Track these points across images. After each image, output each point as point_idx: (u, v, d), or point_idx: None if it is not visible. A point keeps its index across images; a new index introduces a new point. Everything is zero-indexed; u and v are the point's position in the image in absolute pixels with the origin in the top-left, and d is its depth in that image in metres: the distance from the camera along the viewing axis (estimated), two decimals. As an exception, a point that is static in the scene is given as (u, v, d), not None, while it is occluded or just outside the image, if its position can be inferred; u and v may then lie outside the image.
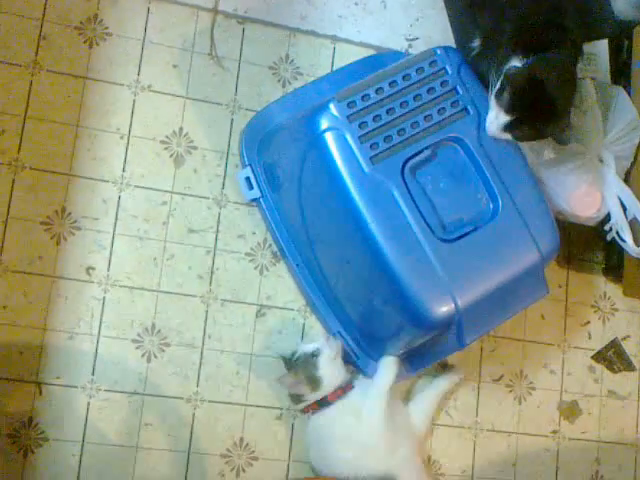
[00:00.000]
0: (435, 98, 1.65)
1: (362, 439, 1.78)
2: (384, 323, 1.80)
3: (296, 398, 1.81)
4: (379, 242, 1.59)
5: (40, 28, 1.89)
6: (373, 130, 1.61)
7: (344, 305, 1.87)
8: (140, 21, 1.96)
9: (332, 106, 1.61)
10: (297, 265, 1.91)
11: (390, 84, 1.64)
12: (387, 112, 1.62)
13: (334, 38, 2.07)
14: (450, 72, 1.67)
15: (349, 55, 2.06)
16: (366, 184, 1.59)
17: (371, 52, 2.08)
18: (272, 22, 2.04)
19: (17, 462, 1.78)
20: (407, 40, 2.11)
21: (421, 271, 1.59)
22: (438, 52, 1.68)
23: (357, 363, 1.89)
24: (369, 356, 1.88)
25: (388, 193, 1.59)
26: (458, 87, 1.66)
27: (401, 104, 1.63)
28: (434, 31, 2.13)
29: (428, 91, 1.65)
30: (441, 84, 1.66)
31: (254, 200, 1.93)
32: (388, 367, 1.80)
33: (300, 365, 1.80)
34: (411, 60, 1.71)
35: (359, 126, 1.60)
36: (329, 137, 1.61)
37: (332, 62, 2.07)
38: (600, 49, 2.14)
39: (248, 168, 1.91)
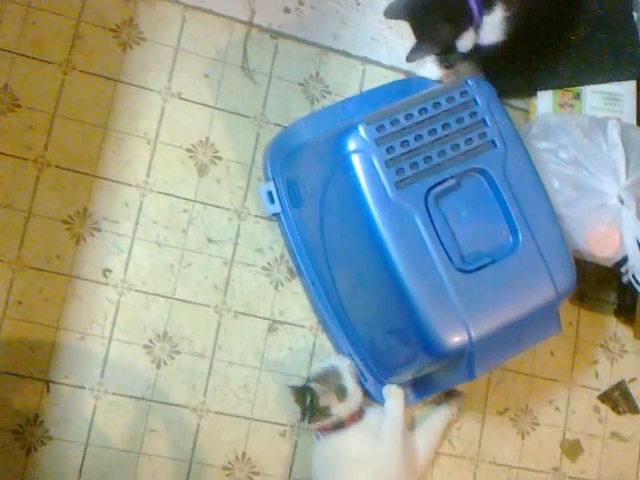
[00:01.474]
0: (463, 128, 1.64)
1: (378, 465, 1.77)
2: (395, 348, 1.79)
3: (323, 411, 1.78)
4: (397, 267, 1.58)
5: (76, 28, 1.90)
6: (400, 155, 1.60)
7: (356, 327, 1.87)
8: (175, 29, 1.97)
9: (361, 128, 1.60)
10: (312, 282, 1.91)
11: (420, 111, 1.64)
12: (415, 138, 1.62)
13: (365, 60, 2.08)
14: (480, 104, 1.66)
15: (378, 77, 2.07)
16: (389, 209, 1.59)
17: (400, 76, 2.09)
18: (305, 39, 2.04)
19: (19, 459, 1.78)
20: (437, 67, 2.10)
21: (437, 299, 1.58)
22: (470, 83, 1.68)
23: (365, 386, 1.89)
24: (377, 380, 1.88)
25: (410, 219, 1.59)
26: (487, 119, 1.66)
27: (429, 132, 1.63)
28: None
29: (457, 121, 1.64)
30: (470, 115, 1.65)
31: (275, 215, 1.93)
32: (394, 393, 1.80)
33: (324, 375, 1.80)
34: (442, 89, 1.71)
35: (386, 150, 1.60)
36: (356, 159, 1.60)
37: (361, 83, 2.08)
38: (627, 90, 2.15)
39: (271, 182, 1.92)
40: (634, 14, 2.19)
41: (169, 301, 1.89)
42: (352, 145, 1.61)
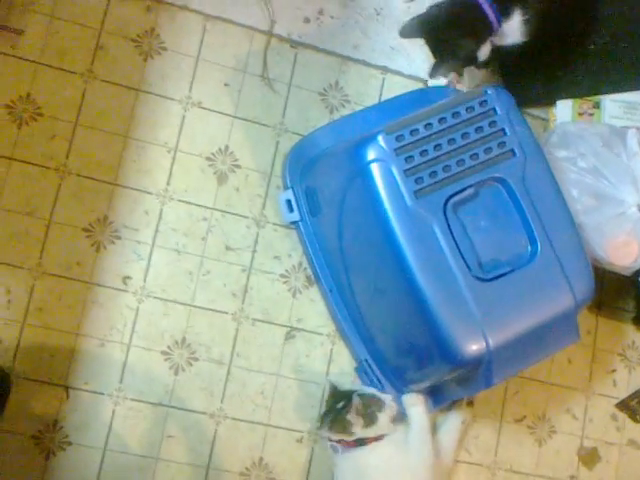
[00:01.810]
0: (483, 137, 1.64)
1: (410, 474, 1.79)
2: (413, 356, 1.80)
3: (344, 424, 1.78)
4: (415, 275, 1.58)
5: (98, 38, 1.92)
6: (419, 165, 1.60)
7: (373, 334, 1.88)
8: (196, 38, 1.98)
9: (380, 138, 1.61)
10: (330, 290, 1.92)
11: (439, 120, 1.63)
12: (434, 148, 1.62)
13: (384, 69, 2.09)
14: (499, 113, 1.66)
15: (398, 87, 2.08)
16: (408, 217, 1.59)
17: (420, 85, 2.10)
18: (325, 49, 2.05)
19: (39, 464, 1.80)
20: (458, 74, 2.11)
21: (455, 308, 1.59)
22: (489, 92, 1.67)
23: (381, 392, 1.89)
24: (394, 387, 1.88)
25: (429, 228, 1.59)
26: (506, 128, 1.65)
27: (449, 141, 1.63)
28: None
29: (476, 130, 1.64)
30: (489, 124, 1.65)
31: (293, 223, 1.94)
32: (417, 402, 1.81)
33: (368, 398, 1.81)
34: (461, 98, 1.71)
35: (405, 160, 1.60)
36: (375, 168, 1.61)
37: (380, 92, 2.08)
38: (646, 99, 2.15)
39: (290, 191, 1.93)
40: (654, 23, 2.18)
41: (188, 308, 1.91)
42: (371, 154, 1.61)
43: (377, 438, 1.80)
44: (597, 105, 2.13)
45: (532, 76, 2.13)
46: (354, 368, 1.96)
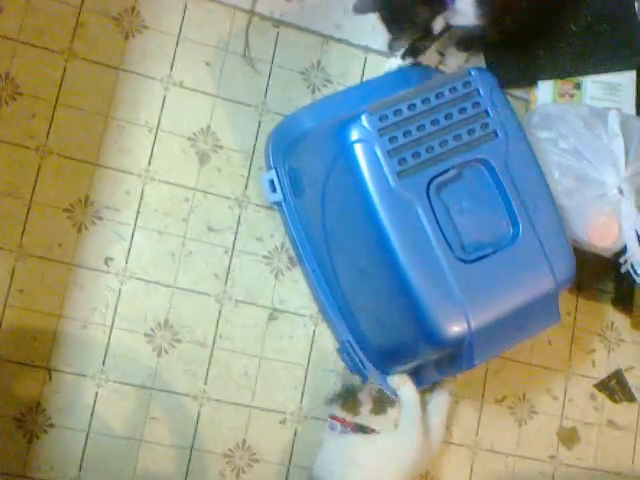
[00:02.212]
0: (466, 119, 1.64)
1: (400, 453, 1.80)
2: (395, 337, 1.80)
3: (354, 403, 1.80)
4: (398, 255, 1.59)
5: (78, 16, 1.90)
6: (402, 145, 1.60)
7: (356, 315, 1.88)
8: (177, 17, 1.97)
9: (364, 118, 1.60)
10: (313, 271, 1.92)
11: (423, 101, 1.63)
12: (418, 129, 1.61)
13: (366, 49, 2.08)
14: (483, 94, 1.66)
15: (380, 66, 2.07)
16: (391, 198, 1.59)
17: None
18: (307, 28, 2.04)
19: (22, 446, 1.79)
20: (439, 54, 2.12)
21: (437, 289, 1.59)
22: (472, 73, 1.67)
23: (363, 373, 1.90)
24: (377, 367, 1.89)
25: (412, 209, 1.59)
26: (489, 110, 1.66)
27: (432, 122, 1.62)
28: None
29: (459, 111, 1.64)
30: (473, 105, 1.65)
31: (276, 203, 1.94)
32: (404, 381, 1.82)
33: (383, 392, 1.82)
34: (445, 79, 1.71)
35: (389, 140, 1.59)
36: (358, 148, 1.60)
37: (362, 72, 2.08)
38: (627, 80, 2.17)
39: (273, 171, 1.92)
40: (635, 4, 2.20)
41: (170, 289, 1.90)
42: (355, 135, 1.61)
43: (375, 432, 1.80)
44: (578, 86, 2.15)
45: (514, 57, 2.14)
46: (336, 349, 1.97)
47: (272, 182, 1.93)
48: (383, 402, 1.81)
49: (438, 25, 1.79)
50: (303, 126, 1.91)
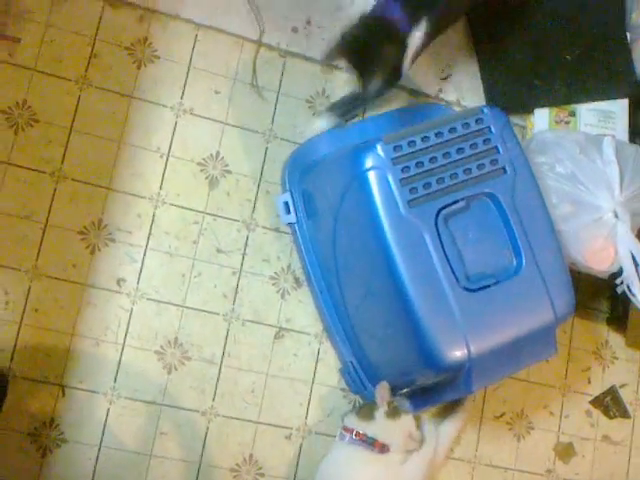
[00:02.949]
0: (476, 154, 1.69)
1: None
2: (396, 359, 1.84)
3: (370, 408, 1.84)
4: (404, 281, 1.63)
5: (92, 46, 1.96)
6: (414, 175, 1.65)
7: (360, 336, 1.93)
8: (187, 47, 2.03)
9: (379, 147, 1.65)
10: (321, 291, 1.98)
11: (436, 134, 1.68)
12: (430, 160, 1.66)
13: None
14: (494, 131, 1.71)
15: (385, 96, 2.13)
16: (401, 225, 1.64)
17: (404, 94, 2.16)
18: (312, 57, 2.11)
19: (35, 461, 1.85)
20: (441, 79, 2.20)
21: (440, 315, 1.63)
22: (485, 111, 1.72)
23: (365, 394, 1.97)
24: (378, 390, 1.93)
25: (420, 236, 1.63)
26: (499, 146, 1.70)
27: (444, 155, 1.67)
28: (464, 76, 2.23)
29: (471, 146, 1.69)
30: (484, 141, 1.70)
31: (289, 224, 2.00)
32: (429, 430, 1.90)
33: (404, 406, 1.86)
34: (459, 115, 1.78)
35: (402, 170, 1.64)
36: (372, 176, 1.65)
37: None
38: (620, 108, 2.23)
39: (288, 193, 1.99)
40: (627, 35, 2.26)
41: (180, 309, 1.96)
42: (369, 162, 1.66)
43: (383, 448, 1.82)
44: (573, 113, 2.21)
45: (511, 85, 2.20)
46: (339, 369, 2.03)
47: (287, 204, 1.99)
48: (396, 408, 1.84)
49: (408, 61, 1.83)
50: (319, 152, 1.98)
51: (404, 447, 1.83)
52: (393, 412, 1.83)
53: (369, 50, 1.77)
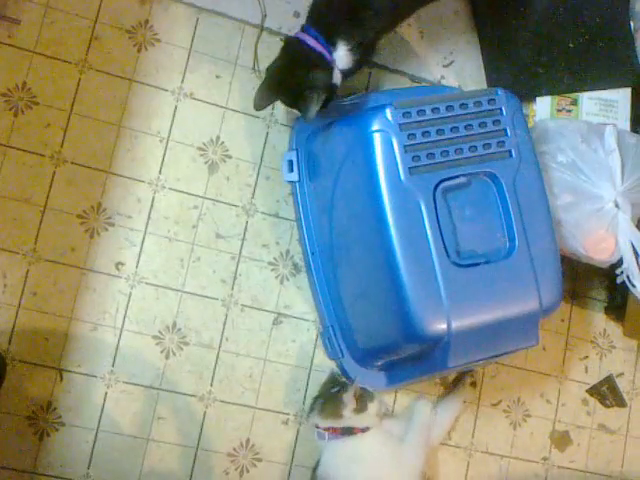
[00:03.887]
0: (484, 133, 1.70)
1: (399, 463, 1.87)
2: (377, 327, 1.84)
3: (337, 405, 1.86)
4: (395, 247, 1.63)
5: (93, 29, 1.95)
6: (419, 144, 1.65)
7: (344, 301, 1.92)
8: (188, 30, 2.02)
9: (388, 111, 1.66)
10: (312, 253, 1.99)
11: (447, 107, 1.69)
12: (437, 132, 1.67)
13: (371, 63, 2.13)
14: (505, 114, 1.71)
15: (383, 80, 2.14)
16: (399, 191, 1.64)
17: (405, 79, 2.16)
18: (313, 42, 2.08)
19: (33, 444, 1.85)
20: (444, 67, 2.19)
21: (425, 284, 1.64)
22: (499, 92, 1.73)
23: (341, 361, 1.97)
24: (353, 357, 1.95)
25: (416, 205, 1.64)
26: (508, 130, 1.71)
27: (452, 128, 1.68)
28: (466, 63, 2.22)
29: (480, 125, 1.70)
30: (493, 122, 1.71)
31: (291, 182, 2.01)
32: (426, 409, 1.93)
33: (366, 390, 1.89)
34: (472, 92, 1.81)
35: (408, 136, 1.65)
36: (377, 138, 1.66)
37: (367, 86, 2.14)
38: (622, 97, 2.22)
39: (294, 152, 1.99)
40: (631, 23, 2.25)
41: (178, 294, 1.96)
42: (376, 124, 1.66)
43: (363, 430, 1.87)
44: (575, 102, 2.20)
45: (514, 73, 2.19)
46: (319, 332, 2.03)
47: (291, 162, 2.00)
48: (364, 399, 1.87)
49: (337, 78, 1.81)
50: (330, 114, 1.94)
51: (380, 423, 1.89)
52: (361, 406, 1.85)
53: (296, 77, 1.78)
